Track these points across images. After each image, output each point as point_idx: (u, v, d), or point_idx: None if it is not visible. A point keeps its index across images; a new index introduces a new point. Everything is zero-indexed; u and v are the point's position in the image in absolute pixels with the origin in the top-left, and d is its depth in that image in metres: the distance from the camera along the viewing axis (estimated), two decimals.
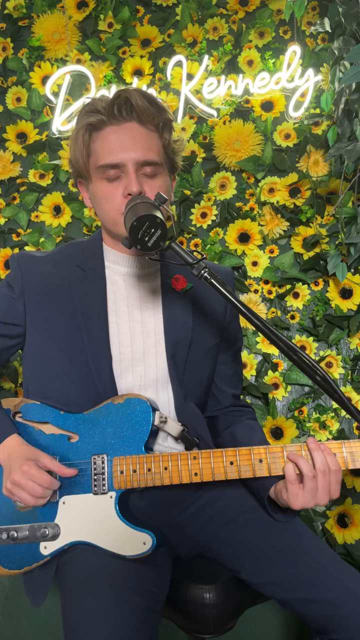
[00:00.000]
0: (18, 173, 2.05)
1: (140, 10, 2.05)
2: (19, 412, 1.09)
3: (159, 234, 0.89)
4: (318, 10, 1.97)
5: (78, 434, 1.04)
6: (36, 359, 1.11)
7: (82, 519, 0.99)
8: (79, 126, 1.07)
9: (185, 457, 0.98)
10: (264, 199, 1.92)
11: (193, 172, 1.96)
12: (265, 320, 1.39)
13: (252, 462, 0.95)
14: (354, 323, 1.85)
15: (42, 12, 2.04)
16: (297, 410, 1.86)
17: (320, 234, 1.87)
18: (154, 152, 1.05)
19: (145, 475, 0.98)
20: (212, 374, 1.22)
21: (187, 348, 1.13)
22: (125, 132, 1.04)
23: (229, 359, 1.25)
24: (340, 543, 1.74)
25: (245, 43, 1.97)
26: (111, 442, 1.02)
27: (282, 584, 0.97)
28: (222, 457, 0.97)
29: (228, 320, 1.22)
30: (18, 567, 1.01)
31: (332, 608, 0.92)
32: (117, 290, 1.13)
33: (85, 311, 1.09)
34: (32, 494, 0.97)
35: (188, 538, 1.08)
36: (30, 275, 1.12)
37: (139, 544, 0.95)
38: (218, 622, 1.07)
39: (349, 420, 1.85)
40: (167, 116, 1.09)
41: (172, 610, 1.10)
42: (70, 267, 1.13)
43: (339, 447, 0.94)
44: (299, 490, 0.91)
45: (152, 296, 1.15)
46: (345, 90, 1.61)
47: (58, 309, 1.10)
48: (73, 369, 1.07)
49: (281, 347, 0.87)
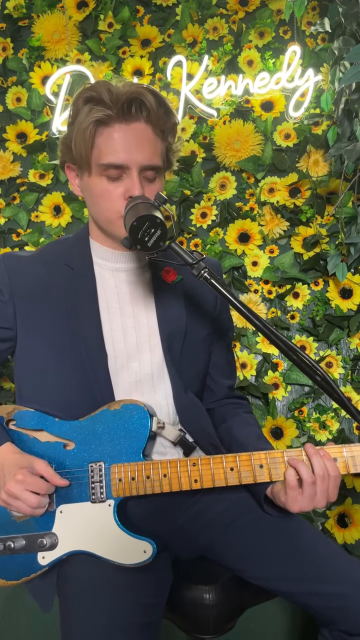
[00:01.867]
0: (18, 173, 2.05)
1: (140, 10, 2.05)
2: (13, 419, 1.06)
3: (159, 234, 0.88)
4: (318, 10, 1.97)
5: (74, 441, 1.02)
6: (29, 362, 1.09)
7: (80, 527, 0.97)
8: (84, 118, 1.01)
9: (185, 463, 0.96)
10: (264, 199, 1.92)
11: (193, 172, 1.96)
12: (265, 320, 1.39)
13: (253, 468, 0.94)
14: (354, 323, 1.85)
15: (42, 12, 2.04)
16: (297, 410, 1.86)
17: (320, 234, 1.87)
18: (157, 157, 1.05)
19: (144, 482, 0.97)
20: (207, 365, 1.21)
21: (182, 339, 1.12)
22: (132, 133, 1.02)
23: (222, 349, 1.24)
24: (340, 543, 1.74)
25: (245, 43, 1.97)
26: (108, 450, 1.00)
27: (288, 578, 0.97)
28: (222, 463, 0.95)
29: (219, 310, 1.21)
30: (16, 577, 0.99)
31: (338, 600, 0.92)
32: (107, 286, 1.12)
33: (76, 310, 1.08)
34: (29, 504, 0.94)
35: (190, 540, 1.08)
36: (18, 277, 1.10)
37: (139, 552, 0.93)
38: (218, 623, 1.06)
39: (349, 420, 1.85)
40: (174, 119, 1.08)
41: (172, 611, 1.10)
42: (58, 266, 1.12)
43: (340, 451, 0.92)
44: (298, 495, 0.91)
45: (143, 290, 1.14)
46: (345, 90, 1.61)
47: (49, 310, 1.08)
48: (67, 370, 1.06)
49: (281, 347, 0.86)
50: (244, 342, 1.91)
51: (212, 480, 0.95)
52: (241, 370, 1.88)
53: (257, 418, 1.86)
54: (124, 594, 0.90)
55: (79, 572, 0.95)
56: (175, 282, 1.15)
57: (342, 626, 0.93)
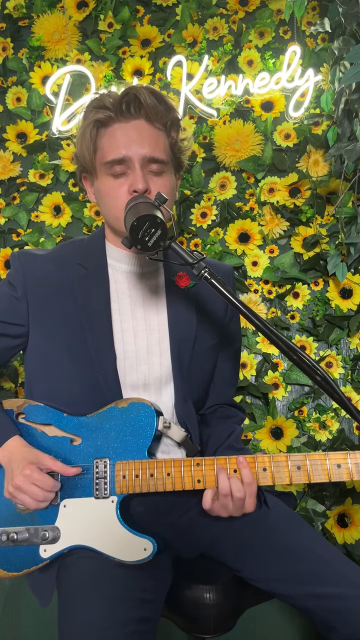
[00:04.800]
0: (18, 173, 2.05)
1: (140, 10, 2.05)
2: (22, 413, 1.08)
3: (159, 234, 0.89)
4: (318, 10, 1.97)
5: (81, 437, 1.03)
6: (39, 358, 1.10)
7: (82, 523, 0.99)
8: (86, 122, 1.06)
9: (189, 463, 0.97)
10: (264, 199, 1.92)
11: (193, 172, 1.96)
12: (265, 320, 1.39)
13: (257, 471, 0.95)
14: (354, 323, 1.85)
15: (42, 12, 2.04)
16: (297, 410, 1.86)
17: (320, 234, 1.87)
18: (160, 150, 1.05)
19: (147, 480, 0.97)
20: (212, 373, 1.22)
21: (191, 346, 1.12)
22: (132, 129, 1.03)
23: (229, 357, 1.25)
24: (340, 543, 1.74)
25: (245, 43, 1.97)
26: (114, 446, 1.01)
27: (286, 580, 0.98)
28: (226, 464, 0.96)
29: (229, 318, 1.21)
30: (17, 569, 1.00)
31: (336, 601, 0.93)
32: (120, 288, 1.13)
33: (88, 309, 1.08)
34: (35, 497, 0.96)
35: (191, 539, 1.08)
36: (32, 274, 1.11)
37: (139, 550, 0.94)
38: (218, 622, 1.06)
39: (349, 420, 1.85)
40: (175, 115, 1.08)
41: (172, 611, 1.10)
42: (72, 265, 1.12)
43: (344, 457, 0.93)
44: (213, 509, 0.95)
45: (155, 294, 1.14)
46: (345, 90, 1.61)
47: (61, 308, 1.09)
48: (77, 367, 1.07)
49: (281, 347, 0.86)
50: (244, 342, 1.91)
51: (215, 481, 0.95)
52: (241, 370, 1.88)
53: (257, 418, 1.86)
54: (122, 589, 0.91)
55: (79, 566, 0.96)
56: (188, 287, 1.14)
57: (343, 630, 0.92)
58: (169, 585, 1.04)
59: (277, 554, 1.00)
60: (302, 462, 0.94)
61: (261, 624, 1.73)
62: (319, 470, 0.94)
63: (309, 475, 0.94)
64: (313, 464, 0.94)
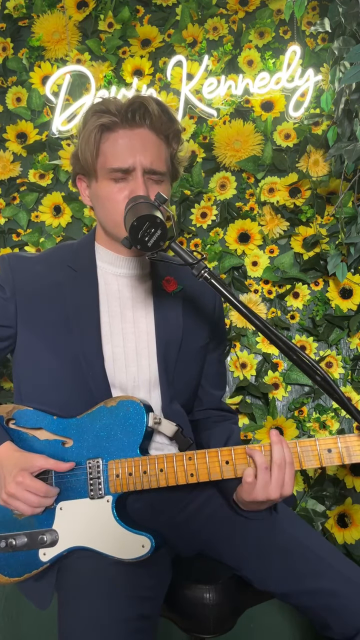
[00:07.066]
0: (18, 173, 2.05)
1: (140, 10, 2.05)
2: (12, 418, 1.08)
3: (159, 234, 0.89)
4: (318, 10, 1.97)
5: (72, 438, 1.03)
6: (28, 361, 1.10)
7: (79, 524, 0.99)
8: (90, 125, 1.06)
9: (181, 458, 0.98)
10: (264, 199, 1.92)
11: (193, 172, 1.96)
12: (265, 320, 1.39)
13: (248, 461, 0.95)
14: (354, 323, 1.85)
15: (42, 12, 2.04)
16: (297, 410, 1.86)
17: (320, 234, 1.87)
18: (161, 162, 1.07)
19: (141, 477, 0.98)
20: (199, 376, 1.23)
21: (177, 349, 1.13)
22: (137, 137, 1.05)
23: (215, 360, 1.26)
24: (340, 543, 1.74)
25: (245, 43, 1.97)
26: (106, 446, 1.01)
27: (284, 578, 0.98)
28: (218, 456, 0.96)
29: (215, 322, 1.23)
30: (18, 574, 1.00)
31: (332, 598, 0.93)
32: (110, 290, 1.13)
33: (76, 311, 1.09)
34: (29, 504, 0.96)
35: (190, 536, 1.09)
36: (21, 276, 1.11)
37: (137, 547, 0.94)
38: (218, 622, 1.07)
39: (349, 420, 1.85)
40: (178, 127, 1.10)
41: (172, 611, 1.10)
42: (61, 268, 1.13)
43: (334, 442, 0.93)
44: (252, 484, 0.92)
45: (144, 297, 1.15)
46: (345, 90, 1.61)
47: (50, 310, 1.09)
48: (66, 369, 1.07)
49: (281, 347, 0.87)
50: (244, 342, 1.91)
51: (207, 473, 0.96)
52: (241, 370, 1.88)
53: (257, 418, 1.86)
54: (122, 587, 0.91)
55: (78, 566, 0.96)
56: (175, 291, 1.16)
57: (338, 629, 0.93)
58: (169, 583, 1.04)
59: (273, 552, 1.01)
60: (292, 449, 0.94)
61: (261, 624, 1.73)
62: (310, 456, 0.94)
63: (300, 462, 0.94)
64: (304, 450, 0.94)
